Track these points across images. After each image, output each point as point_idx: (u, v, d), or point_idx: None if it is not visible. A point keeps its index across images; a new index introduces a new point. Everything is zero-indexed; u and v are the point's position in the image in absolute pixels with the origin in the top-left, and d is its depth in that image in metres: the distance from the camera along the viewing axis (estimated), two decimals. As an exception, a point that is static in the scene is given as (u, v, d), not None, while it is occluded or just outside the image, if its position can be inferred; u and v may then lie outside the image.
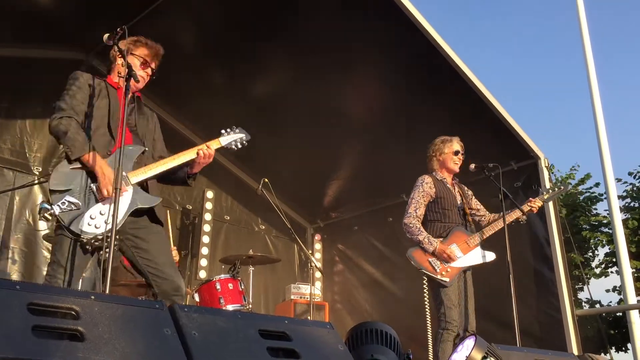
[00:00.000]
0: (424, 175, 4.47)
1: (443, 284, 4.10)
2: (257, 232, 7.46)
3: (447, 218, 4.32)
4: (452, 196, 4.42)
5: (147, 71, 3.34)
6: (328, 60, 5.44)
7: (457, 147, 4.50)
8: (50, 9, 5.19)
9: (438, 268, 4.13)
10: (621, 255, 7.10)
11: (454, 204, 4.39)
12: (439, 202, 4.34)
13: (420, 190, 4.36)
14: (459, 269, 4.19)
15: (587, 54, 8.01)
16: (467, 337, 2.78)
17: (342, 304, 7.32)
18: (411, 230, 4.24)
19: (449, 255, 4.13)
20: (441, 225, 4.30)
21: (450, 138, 4.53)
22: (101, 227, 2.74)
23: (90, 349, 1.56)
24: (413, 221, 4.25)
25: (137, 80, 3.01)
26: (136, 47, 3.27)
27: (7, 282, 1.64)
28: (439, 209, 4.33)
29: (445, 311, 4.05)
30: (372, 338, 2.35)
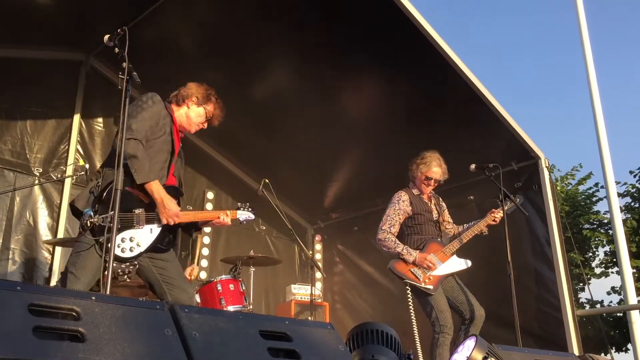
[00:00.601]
0: (400, 191, 4.52)
1: (427, 291, 4.18)
2: (258, 232, 7.46)
3: (423, 232, 4.42)
4: (429, 210, 4.50)
5: (205, 125, 3.56)
6: (329, 61, 5.45)
7: (431, 174, 4.47)
8: (50, 10, 5.19)
9: (421, 277, 4.21)
10: (621, 255, 7.09)
11: (430, 218, 4.48)
12: (416, 217, 4.43)
13: (396, 208, 4.42)
14: (440, 277, 4.27)
15: (586, 53, 8.01)
16: (468, 338, 2.78)
17: (343, 305, 7.32)
18: (387, 244, 4.32)
19: (430, 262, 4.22)
20: (418, 238, 4.39)
21: (431, 161, 4.49)
22: (126, 252, 2.92)
23: (91, 350, 1.56)
24: (387, 236, 4.34)
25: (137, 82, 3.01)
26: (208, 102, 3.50)
27: (8, 282, 1.64)
28: (415, 224, 4.43)
29: (438, 315, 4.12)
30: (372, 338, 2.35)
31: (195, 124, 3.49)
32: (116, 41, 3.00)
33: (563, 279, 5.36)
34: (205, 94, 3.49)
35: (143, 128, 3.07)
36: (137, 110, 3.11)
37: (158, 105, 3.22)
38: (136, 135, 3.01)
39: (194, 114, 3.46)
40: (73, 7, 5.21)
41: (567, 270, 5.45)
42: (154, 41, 5.52)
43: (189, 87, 3.49)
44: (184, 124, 3.46)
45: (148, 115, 3.12)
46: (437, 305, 4.15)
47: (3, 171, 5.40)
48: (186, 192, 6.85)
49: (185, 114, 3.45)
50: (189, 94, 3.45)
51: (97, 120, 6.20)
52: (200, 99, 3.46)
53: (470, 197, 6.20)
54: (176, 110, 3.43)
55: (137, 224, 2.98)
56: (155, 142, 3.15)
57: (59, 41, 5.80)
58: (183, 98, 3.45)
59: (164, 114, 3.25)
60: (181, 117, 3.44)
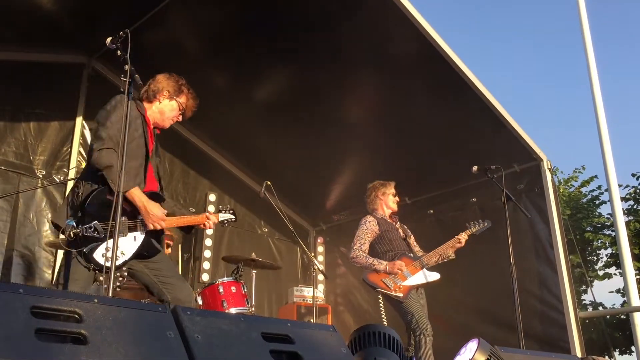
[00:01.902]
0: (366, 215, 4.83)
1: (398, 299, 4.39)
2: (260, 234, 7.46)
3: (395, 248, 4.65)
4: (395, 229, 4.80)
5: (179, 118, 3.45)
6: (331, 63, 5.45)
7: (393, 189, 4.89)
8: (53, 12, 5.20)
9: (391, 286, 4.43)
10: (624, 257, 7.09)
11: (398, 236, 4.76)
12: (385, 235, 4.69)
13: (365, 228, 4.72)
14: (409, 287, 4.46)
15: (589, 55, 8.01)
16: (471, 340, 2.78)
17: (345, 307, 7.31)
18: (358, 260, 4.61)
19: (399, 267, 4.46)
20: (392, 255, 4.62)
21: (383, 182, 4.92)
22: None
23: (93, 352, 1.56)
24: (358, 252, 4.62)
25: (140, 85, 3.00)
26: (180, 94, 3.37)
27: (11, 285, 1.65)
28: (386, 242, 4.68)
29: (418, 321, 4.31)
30: (375, 341, 2.35)
31: (169, 118, 3.36)
32: (118, 44, 2.99)
33: (565, 281, 5.35)
34: (177, 86, 3.35)
35: (114, 135, 2.95)
36: (105, 117, 3.02)
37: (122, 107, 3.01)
38: (108, 143, 2.93)
39: (167, 108, 3.34)
40: (75, 10, 5.21)
41: (570, 272, 5.44)
42: (156, 44, 5.53)
43: (159, 81, 3.34)
44: (158, 120, 3.34)
45: (115, 119, 2.99)
46: (415, 311, 4.35)
47: (7, 173, 5.42)
48: (188, 194, 6.90)
49: (158, 110, 3.32)
50: (159, 89, 3.31)
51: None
52: (172, 92, 3.33)
53: (473, 199, 6.21)
54: (148, 108, 3.31)
55: (120, 233, 2.86)
56: (129, 147, 2.97)
57: (62, 44, 5.81)
58: (154, 93, 3.31)
59: (135, 115, 3.11)
60: (154, 114, 3.32)
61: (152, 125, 3.32)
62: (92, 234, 2.81)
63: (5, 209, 5.31)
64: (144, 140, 3.15)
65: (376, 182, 4.93)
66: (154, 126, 3.35)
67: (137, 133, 3.11)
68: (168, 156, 6.76)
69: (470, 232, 4.67)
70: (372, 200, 4.89)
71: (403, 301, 4.38)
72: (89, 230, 2.80)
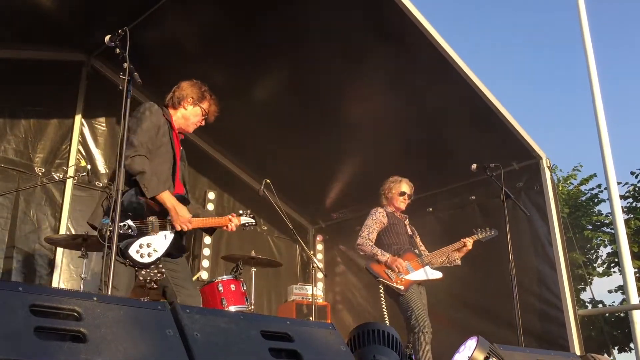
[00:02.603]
0: (377, 207, 4.91)
1: (398, 291, 4.42)
2: (260, 233, 7.45)
3: (401, 242, 4.72)
4: (402, 225, 4.87)
5: (202, 123, 3.59)
6: (331, 61, 5.45)
7: (404, 189, 4.90)
8: (52, 11, 5.19)
9: (393, 277, 4.46)
10: (623, 255, 7.10)
11: (405, 231, 4.82)
12: (392, 228, 4.76)
13: (374, 218, 4.80)
14: (410, 282, 4.50)
15: (588, 53, 8.01)
16: (470, 338, 2.78)
17: (344, 305, 7.32)
18: (363, 248, 4.66)
19: (400, 266, 4.48)
20: (397, 248, 4.67)
21: (400, 180, 4.94)
22: (145, 257, 3.03)
23: (92, 350, 1.56)
24: (365, 241, 4.66)
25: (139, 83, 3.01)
26: (203, 100, 3.52)
27: (10, 283, 1.65)
28: (392, 235, 4.74)
29: (417, 317, 4.34)
30: (374, 339, 2.35)
31: (193, 123, 3.52)
32: (117, 42, 3.00)
33: (564, 278, 5.35)
34: (200, 92, 3.51)
35: (145, 141, 3.13)
36: (136, 124, 3.17)
37: (156, 115, 3.26)
38: (140, 150, 3.09)
39: (191, 114, 3.49)
40: (74, 8, 5.21)
41: (569, 270, 5.45)
42: (155, 42, 5.53)
43: (183, 88, 3.51)
44: (183, 125, 3.50)
45: (147, 126, 3.17)
46: (415, 307, 4.38)
47: (7, 171, 5.42)
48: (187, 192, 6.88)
49: (182, 115, 3.48)
50: (184, 95, 3.47)
51: (99, 120, 6.21)
52: (196, 99, 3.49)
53: (472, 197, 6.21)
54: (173, 114, 3.46)
55: (151, 231, 3.08)
56: (158, 152, 3.21)
57: (61, 42, 5.80)
58: (179, 100, 3.47)
59: (163, 121, 3.29)
60: (179, 120, 3.47)
61: (177, 131, 3.46)
62: (127, 231, 2.97)
63: (5, 206, 5.31)
64: (171, 145, 3.30)
65: (393, 177, 4.99)
66: (179, 131, 3.49)
67: (165, 138, 3.28)
68: (167, 154, 6.76)
69: (476, 237, 4.75)
70: (381, 195, 4.98)
71: (403, 294, 4.41)
72: (124, 227, 2.94)
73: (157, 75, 5.59)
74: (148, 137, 3.16)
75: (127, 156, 3.03)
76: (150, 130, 3.18)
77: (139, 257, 3.00)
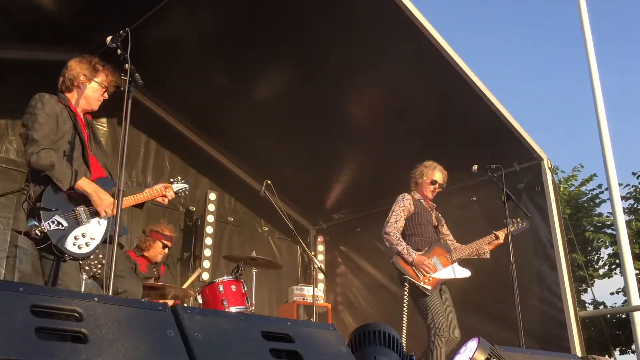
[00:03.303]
0: (404, 192, 4.67)
1: (425, 291, 4.24)
2: (261, 233, 7.46)
3: (423, 233, 4.53)
4: (429, 214, 4.65)
5: (105, 96, 3.42)
6: (331, 62, 5.45)
7: (436, 177, 4.67)
8: (53, 11, 5.20)
9: (421, 276, 4.27)
10: (624, 257, 7.09)
11: (430, 221, 4.61)
12: (416, 217, 4.55)
13: (401, 205, 4.56)
14: (438, 280, 4.33)
15: (589, 53, 8.00)
16: (471, 339, 2.78)
17: (345, 306, 7.32)
18: (390, 239, 4.43)
19: (427, 267, 4.29)
20: (419, 240, 4.49)
21: (435, 166, 4.70)
22: (83, 248, 2.96)
23: (93, 351, 1.57)
24: (393, 231, 4.44)
25: (140, 83, 3.00)
26: (97, 73, 3.34)
27: (11, 284, 1.65)
28: (415, 225, 4.54)
29: (434, 318, 4.18)
30: (374, 340, 2.35)
31: (95, 99, 3.34)
32: (118, 42, 3.00)
33: (566, 280, 5.35)
34: (91, 66, 3.31)
35: (46, 134, 3.01)
36: (32, 119, 3.04)
37: (49, 104, 3.10)
38: (43, 144, 2.97)
39: (89, 91, 3.31)
40: (76, 8, 5.21)
41: (570, 271, 5.44)
42: (157, 42, 5.53)
43: (71, 68, 3.31)
44: (85, 105, 3.32)
45: (43, 119, 3.04)
46: (433, 307, 4.21)
47: (9, 171, 5.42)
48: (189, 192, 6.88)
49: (82, 96, 3.30)
50: (74, 75, 3.28)
51: (100, 121, 6.22)
52: (89, 75, 3.30)
53: (473, 198, 6.20)
54: (71, 97, 3.28)
55: (83, 220, 3.01)
56: (62, 141, 3.08)
57: (62, 42, 5.80)
58: (71, 82, 3.28)
59: (59, 109, 3.14)
60: (79, 102, 3.30)
61: (80, 114, 3.30)
62: (57, 227, 2.90)
63: (7, 206, 5.32)
64: (76, 129, 3.17)
65: (428, 162, 4.74)
66: (84, 112, 3.34)
67: (67, 125, 3.14)
68: (168, 154, 6.77)
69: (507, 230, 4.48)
70: (412, 179, 4.74)
71: (429, 294, 4.23)
72: (52, 224, 2.88)
73: (158, 76, 5.61)
74: (49, 128, 3.03)
75: (32, 152, 2.93)
76: (48, 122, 3.04)
77: (77, 249, 2.94)
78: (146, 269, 5.24)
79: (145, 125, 6.47)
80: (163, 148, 6.74)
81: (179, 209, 6.80)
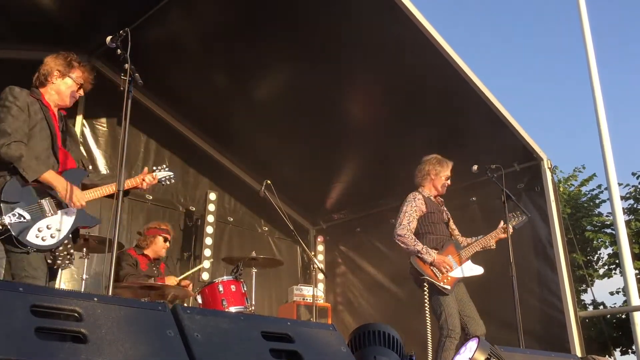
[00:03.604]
0: (414, 192, 4.56)
1: (444, 291, 4.19)
2: (260, 233, 7.46)
3: (437, 231, 4.45)
4: (440, 211, 4.56)
5: (81, 92, 3.43)
6: (331, 62, 5.45)
7: (449, 172, 4.58)
8: (52, 11, 5.20)
9: (439, 276, 4.22)
10: (624, 257, 7.09)
11: (442, 218, 4.54)
12: (429, 216, 4.46)
13: (413, 205, 4.45)
14: (455, 279, 4.30)
15: (589, 53, 8.00)
16: (470, 339, 2.78)
17: (345, 306, 7.32)
18: (406, 241, 4.32)
19: (448, 265, 4.25)
20: (434, 238, 4.42)
21: (443, 160, 4.60)
22: (47, 240, 2.95)
23: (93, 351, 1.57)
24: (407, 232, 4.33)
25: (140, 83, 3.00)
26: (72, 69, 3.34)
27: (11, 284, 1.65)
28: (428, 224, 4.45)
29: (447, 319, 4.11)
30: (374, 340, 2.35)
31: (68, 95, 3.34)
32: (118, 42, 3.00)
33: (565, 280, 5.35)
34: (66, 62, 3.33)
35: (18, 127, 3.02)
36: (3, 112, 3.05)
37: (20, 97, 3.11)
38: (15, 137, 2.98)
39: (63, 87, 3.31)
40: (75, 8, 5.21)
41: (570, 271, 5.45)
42: (157, 42, 5.53)
43: (46, 63, 3.33)
44: (58, 101, 3.33)
45: (15, 112, 3.05)
46: (448, 308, 4.15)
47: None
48: (188, 193, 6.90)
49: (54, 91, 3.30)
50: (49, 70, 3.30)
51: (100, 120, 6.22)
52: (63, 70, 3.30)
53: (473, 198, 6.21)
54: (45, 92, 3.29)
55: (48, 213, 3.00)
56: (32, 133, 3.08)
57: (61, 42, 5.78)
58: (45, 77, 3.30)
59: (30, 100, 3.14)
60: (52, 97, 3.30)
61: (54, 109, 3.30)
62: (18, 220, 2.89)
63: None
64: (47, 122, 3.17)
65: (434, 156, 4.62)
66: (58, 108, 3.34)
67: (38, 116, 3.14)
68: (168, 154, 6.76)
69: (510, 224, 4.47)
70: (423, 175, 4.59)
71: (449, 294, 4.18)
72: (13, 217, 2.87)
73: (158, 75, 5.61)
74: (22, 120, 3.04)
75: (2, 144, 2.94)
76: (20, 114, 3.05)
77: (41, 240, 2.92)
78: (147, 267, 5.25)
79: (145, 125, 6.46)
80: (163, 148, 6.74)
81: (178, 209, 6.80)
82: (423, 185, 4.60)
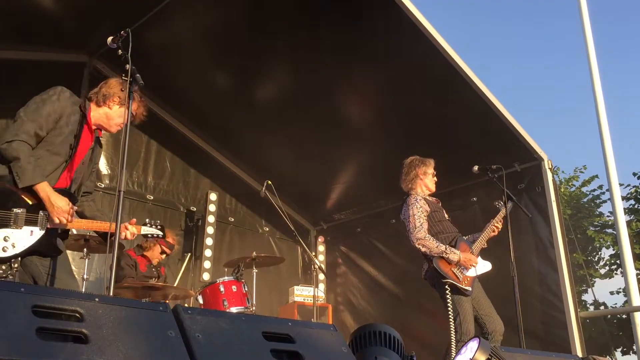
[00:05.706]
0: (411, 195, 4.44)
1: (466, 292, 4.10)
2: (261, 234, 7.47)
3: (445, 229, 4.33)
4: (440, 209, 4.46)
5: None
6: (332, 63, 5.45)
7: (433, 170, 4.52)
8: (54, 12, 5.21)
9: (461, 277, 4.12)
10: (625, 257, 7.08)
11: (444, 216, 4.44)
12: (434, 216, 4.34)
13: (418, 207, 4.31)
14: (473, 278, 4.21)
15: (590, 54, 7.99)
16: (471, 340, 2.78)
17: (345, 306, 7.32)
18: (428, 244, 4.16)
19: (475, 261, 4.17)
20: (445, 237, 4.30)
21: (428, 159, 4.54)
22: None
23: (94, 351, 1.57)
24: (426, 235, 4.18)
25: (141, 84, 2.97)
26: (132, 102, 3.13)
27: (12, 284, 1.65)
28: (436, 222, 4.34)
29: (462, 323, 4.03)
30: (375, 340, 2.35)
31: (117, 124, 3.24)
32: (119, 43, 2.98)
33: (566, 280, 5.35)
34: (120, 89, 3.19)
35: (33, 128, 2.89)
36: (34, 106, 2.96)
37: (63, 103, 3.00)
38: (21, 136, 2.85)
39: (116, 114, 3.22)
40: (76, 9, 5.22)
41: (571, 271, 5.44)
42: (158, 43, 5.54)
43: (111, 86, 3.23)
44: (104, 124, 3.23)
45: (46, 111, 2.94)
46: (463, 312, 4.06)
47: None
48: (189, 193, 6.91)
49: (105, 114, 3.20)
50: (111, 94, 3.19)
51: (101, 121, 6.22)
52: (123, 99, 3.15)
53: (474, 198, 6.21)
54: (94, 109, 3.19)
55: (13, 224, 2.79)
56: (50, 141, 2.94)
57: (63, 43, 5.81)
58: (104, 98, 3.20)
59: (69, 112, 3.02)
60: (100, 118, 3.20)
61: (93, 127, 3.20)
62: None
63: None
64: (74, 139, 3.04)
65: (414, 158, 4.55)
66: (98, 128, 3.24)
67: (68, 129, 3.01)
68: (169, 154, 6.77)
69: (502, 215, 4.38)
70: (411, 179, 4.48)
71: (469, 294, 4.09)
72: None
73: (159, 76, 5.62)
74: (44, 122, 2.91)
75: (6, 140, 2.83)
76: (49, 116, 2.92)
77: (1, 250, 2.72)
78: (146, 268, 5.26)
79: (146, 126, 6.45)
80: (164, 148, 6.74)
81: (179, 209, 6.81)
82: (414, 188, 4.49)
